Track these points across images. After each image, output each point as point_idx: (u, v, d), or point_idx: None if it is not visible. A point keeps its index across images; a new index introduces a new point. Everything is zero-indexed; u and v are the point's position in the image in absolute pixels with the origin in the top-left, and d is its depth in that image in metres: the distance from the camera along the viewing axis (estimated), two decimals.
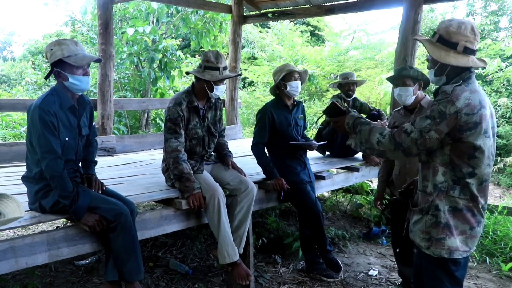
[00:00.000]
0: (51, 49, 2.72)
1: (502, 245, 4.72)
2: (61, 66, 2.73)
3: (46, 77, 2.94)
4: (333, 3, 6.77)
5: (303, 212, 4.07)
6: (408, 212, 2.63)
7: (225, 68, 3.46)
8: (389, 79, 3.83)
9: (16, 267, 2.53)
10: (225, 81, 3.55)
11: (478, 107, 2.13)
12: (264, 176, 4.06)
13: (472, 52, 2.23)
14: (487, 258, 4.59)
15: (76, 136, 2.87)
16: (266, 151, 4.07)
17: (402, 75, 3.54)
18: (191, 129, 3.51)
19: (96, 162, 3.20)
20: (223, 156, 3.81)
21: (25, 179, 2.88)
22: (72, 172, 2.89)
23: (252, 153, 4.06)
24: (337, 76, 12.97)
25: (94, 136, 3.19)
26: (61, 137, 2.72)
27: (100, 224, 2.75)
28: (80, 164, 3.07)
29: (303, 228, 4.17)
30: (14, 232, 4.58)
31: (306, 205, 3.99)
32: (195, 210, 3.33)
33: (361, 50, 13.61)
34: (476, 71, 10.48)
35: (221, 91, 3.54)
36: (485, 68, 2.46)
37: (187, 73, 3.70)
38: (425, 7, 13.18)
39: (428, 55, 2.38)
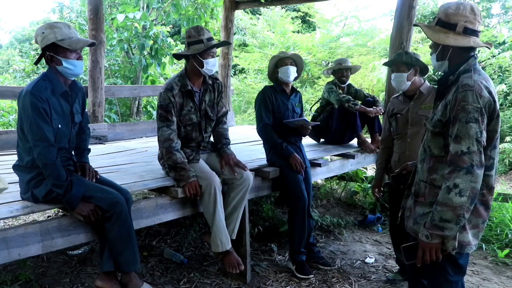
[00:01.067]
0: (43, 32, 2.62)
1: (498, 231, 4.73)
2: (54, 50, 2.63)
3: (36, 62, 2.85)
4: None
5: (288, 200, 3.96)
6: (404, 200, 2.60)
7: (209, 39, 3.31)
8: (386, 64, 3.82)
9: (8, 259, 2.45)
10: (216, 55, 3.40)
11: (494, 94, 2.11)
12: (259, 164, 4.01)
13: (473, 32, 2.16)
14: (483, 244, 4.59)
15: (69, 123, 2.77)
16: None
17: (395, 61, 3.53)
18: (185, 114, 3.40)
19: (89, 150, 3.12)
20: (219, 150, 3.60)
21: (16, 168, 2.79)
22: (65, 160, 2.81)
23: (245, 141, 4.01)
24: (328, 63, 12.93)
25: (86, 123, 3.10)
26: (54, 124, 2.63)
27: (95, 213, 2.68)
28: (73, 152, 2.99)
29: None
30: (5, 222, 4.49)
31: (293, 192, 3.88)
32: (191, 199, 3.27)
33: (353, 36, 13.57)
34: None
35: (212, 65, 3.35)
36: (490, 47, 2.41)
37: (174, 55, 3.56)
38: None
39: (432, 41, 2.33)
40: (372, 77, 10.66)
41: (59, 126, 2.68)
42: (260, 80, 13.77)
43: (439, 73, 2.44)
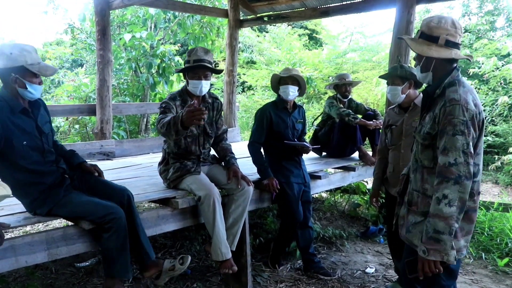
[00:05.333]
0: (11, 53, 2.62)
1: (498, 241, 4.77)
2: (21, 73, 2.66)
3: None
4: (328, 5, 6.85)
5: (282, 214, 4.16)
6: (397, 208, 2.66)
7: (197, 61, 3.43)
8: (382, 77, 3.93)
9: (16, 266, 2.59)
10: (205, 79, 3.49)
11: (480, 105, 2.21)
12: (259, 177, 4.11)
13: (454, 45, 2.27)
14: (483, 254, 4.64)
15: (36, 136, 2.80)
16: (262, 150, 4.11)
17: (390, 75, 3.63)
18: None
19: (74, 151, 3.20)
20: (226, 163, 3.75)
21: (14, 193, 2.72)
22: (55, 171, 2.91)
23: (249, 155, 4.10)
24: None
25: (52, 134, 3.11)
26: (18, 142, 2.67)
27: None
28: (64, 164, 3.06)
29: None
30: (15, 233, 4.62)
31: (287, 208, 4.05)
32: (199, 120, 2.75)
33: (359, 52, 13.68)
34: (472, 70, 10.37)
35: (194, 86, 3.48)
36: (470, 60, 2.52)
37: (176, 70, 3.92)
38: (422, 8, 13.36)
39: (415, 53, 2.43)
40: (377, 92, 10.74)
41: (24, 142, 2.70)
42: (267, 97, 13.91)
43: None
